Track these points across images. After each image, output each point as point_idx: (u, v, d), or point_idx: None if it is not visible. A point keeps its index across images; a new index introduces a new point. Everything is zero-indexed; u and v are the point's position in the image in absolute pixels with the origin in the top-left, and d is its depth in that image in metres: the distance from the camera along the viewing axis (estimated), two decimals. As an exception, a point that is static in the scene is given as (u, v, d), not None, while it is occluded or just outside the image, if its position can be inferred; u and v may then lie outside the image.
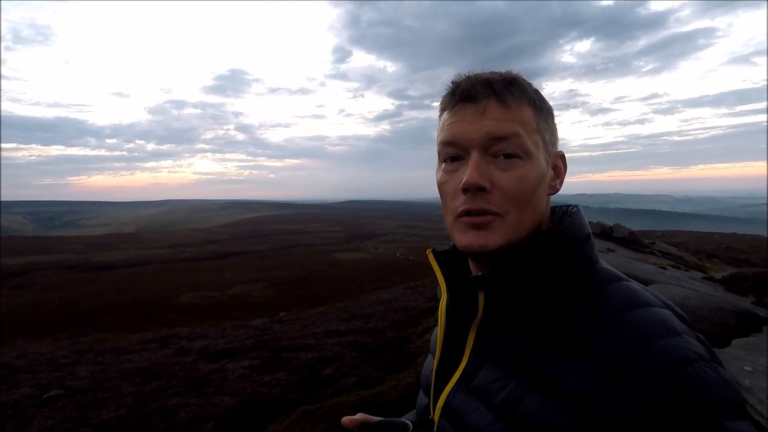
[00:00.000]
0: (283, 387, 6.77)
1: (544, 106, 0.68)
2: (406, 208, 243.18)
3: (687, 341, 0.55)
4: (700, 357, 0.53)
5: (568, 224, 0.66)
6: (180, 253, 51.40)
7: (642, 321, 0.57)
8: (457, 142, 0.65)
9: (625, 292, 0.62)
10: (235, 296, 24.63)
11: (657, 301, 0.62)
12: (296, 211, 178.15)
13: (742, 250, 15.57)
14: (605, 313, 0.59)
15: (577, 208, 0.71)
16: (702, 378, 0.51)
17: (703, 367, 0.52)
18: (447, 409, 0.70)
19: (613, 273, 0.66)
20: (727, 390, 0.52)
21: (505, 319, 0.66)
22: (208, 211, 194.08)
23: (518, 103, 0.65)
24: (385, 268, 34.92)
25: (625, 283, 0.64)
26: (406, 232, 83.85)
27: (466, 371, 0.69)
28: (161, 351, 10.17)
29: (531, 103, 0.66)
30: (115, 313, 20.47)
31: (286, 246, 59.84)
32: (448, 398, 0.70)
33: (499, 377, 0.63)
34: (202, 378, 7.47)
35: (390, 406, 5.02)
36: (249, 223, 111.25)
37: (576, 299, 0.62)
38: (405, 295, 17.48)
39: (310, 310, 16.85)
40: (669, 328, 0.56)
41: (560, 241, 0.64)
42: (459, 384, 0.69)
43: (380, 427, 0.76)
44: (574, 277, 0.64)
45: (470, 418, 0.65)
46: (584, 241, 0.67)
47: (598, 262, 0.67)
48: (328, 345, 9.13)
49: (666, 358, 0.53)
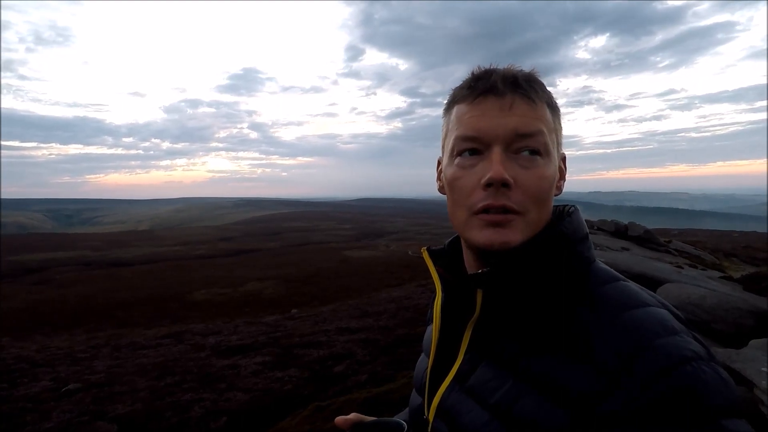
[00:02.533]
0: (295, 383, 6.82)
1: (556, 106, 0.68)
2: (417, 205, 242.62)
3: (685, 340, 0.55)
4: (698, 356, 0.53)
5: (566, 224, 0.66)
6: (193, 250, 51.99)
7: (640, 320, 0.56)
8: (480, 137, 0.63)
9: (623, 292, 0.61)
10: (247, 293, 24.85)
11: (654, 301, 0.61)
12: (307, 208, 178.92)
13: (761, 248, 15.23)
14: (603, 312, 0.58)
15: (575, 208, 0.70)
16: (700, 377, 0.51)
17: (702, 366, 0.52)
18: (442, 409, 0.69)
19: (610, 273, 0.66)
20: (725, 389, 0.52)
21: (501, 318, 0.66)
22: (221, 208, 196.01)
23: (540, 101, 0.65)
24: (395, 265, 34.89)
25: (623, 283, 0.63)
26: (417, 230, 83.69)
27: (461, 370, 0.69)
28: (175, 347, 10.32)
29: (549, 102, 0.66)
30: (131, 309, 20.80)
31: (297, 243, 60.15)
32: (443, 398, 0.70)
33: (494, 377, 0.63)
34: (216, 374, 7.56)
35: (400, 402, 5.03)
36: (261, 221, 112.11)
37: (573, 299, 0.61)
38: (416, 293, 17.47)
39: (321, 308, 16.94)
40: (667, 328, 0.56)
41: (560, 241, 0.64)
42: (453, 383, 0.69)
43: (374, 426, 0.75)
44: (571, 277, 0.63)
45: (465, 417, 0.64)
46: (582, 240, 0.67)
47: (595, 261, 0.67)
48: (340, 342, 9.17)
49: (664, 356, 0.52)
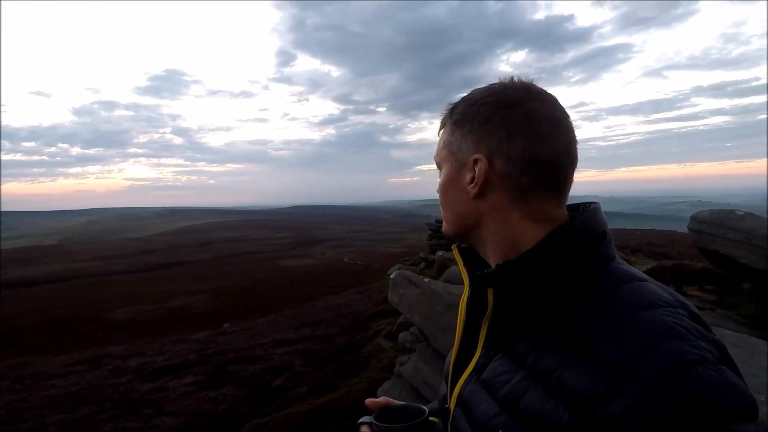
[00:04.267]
0: (230, 402, 6.49)
1: (468, 117, 0.71)
2: (353, 212, 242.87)
3: (693, 343, 0.54)
4: (704, 359, 0.52)
5: (577, 222, 0.66)
6: (111, 265, 48.03)
7: (648, 323, 0.56)
8: None
9: (638, 293, 0.61)
10: (174, 309, 23.34)
11: (672, 300, 0.61)
12: (239, 217, 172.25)
13: (661, 244, 16.98)
14: (613, 314, 0.59)
15: (595, 205, 0.71)
16: (706, 381, 0.51)
17: (708, 370, 0.51)
18: (461, 399, 0.73)
19: (629, 272, 0.65)
20: (733, 392, 0.51)
21: (513, 315, 0.67)
22: (143, 219, 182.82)
23: (448, 125, 0.75)
24: (333, 273, 34.61)
25: (640, 283, 0.63)
26: (353, 237, 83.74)
27: (478, 363, 0.72)
28: (91, 373, 9.41)
29: (456, 120, 0.73)
30: (37, 333, 18.68)
31: (229, 254, 57.70)
32: (462, 389, 0.74)
33: (506, 370, 0.66)
34: (140, 399, 6.99)
35: (344, 412, 4.95)
36: (189, 231, 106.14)
37: (586, 298, 0.61)
38: (354, 300, 17.44)
39: (256, 320, 16.34)
40: (675, 331, 0.55)
41: (569, 240, 0.64)
42: (472, 375, 0.72)
43: (399, 411, 0.82)
44: (585, 276, 0.63)
45: (478, 408, 0.67)
46: (598, 239, 0.66)
47: (614, 260, 0.67)
48: (277, 355, 8.88)
49: (668, 361, 0.52)
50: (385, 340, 8.88)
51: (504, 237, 0.69)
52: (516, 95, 0.69)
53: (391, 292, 5.37)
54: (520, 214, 0.68)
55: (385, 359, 7.06)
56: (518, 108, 0.68)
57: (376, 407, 0.83)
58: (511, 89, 0.70)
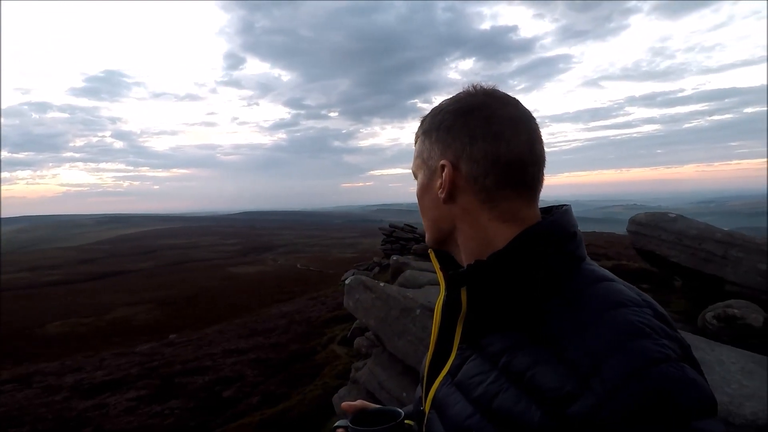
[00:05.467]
0: (178, 416, 6.21)
1: (432, 126, 0.75)
2: (305, 217, 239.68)
3: (657, 342, 0.56)
4: (667, 357, 0.54)
5: (549, 223, 0.68)
6: (44, 275, 44.46)
7: (615, 322, 0.58)
8: None
9: (607, 292, 0.63)
10: (115, 321, 21.98)
11: (638, 299, 0.63)
12: (186, 224, 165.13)
13: (601, 245, 17.98)
14: (582, 313, 0.60)
15: (567, 207, 0.74)
16: (669, 378, 0.53)
17: (670, 368, 0.53)
18: (436, 401, 0.74)
19: (599, 273, 0.67)
20: (695, 390, 0.53)
21: (486, 315, 0.69)
22: (80, 227, 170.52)
23: (419, 137, 0.78)
24: (285, 280, 33.95)
25: (608, 283, 0.65)
26: (305, 243, 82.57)
27: (453, 365, 0.73)
28: (21, 392, 8.68)
29: (425, 130, 0.77)
30: (-45, 353, 16.94)
31: (175, 262, 55.10)
32: (437, 391, 0.74)
33: (480, 371, 0.67)
34: (77, 417, 6.53)
35: (298, 420, 4.88)
36: (130, 239, 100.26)
37: (557, 298, 0.63)
38: (307, 306, 17.21)
39: (205, 330, 15.74)
40: (640, 330, 0.57)
41: (540, 239, 0.66)
42: (447, 377, 0.73)
43: (375, 414, 0.83)
44: (556, 276, 0.65)
45: (453, 410, 0.68)
46: (568, 239, 0.68)
47: (584, 260, 0.69)
48: (227, 365, 8.60)
49: (632, 360, 0.53)
50: (339, 346, 8.84)
51: (475, 238, 0.71)
52: (477, 101, 0.72)
53: (346, 297, 5.36)
54: (490, 215, 0.70)
55: (340, 365, 7.02)
56: (478, 112, 0.70)
57: (352, 410, 0.85)
58: (473, 96, 0.73)
